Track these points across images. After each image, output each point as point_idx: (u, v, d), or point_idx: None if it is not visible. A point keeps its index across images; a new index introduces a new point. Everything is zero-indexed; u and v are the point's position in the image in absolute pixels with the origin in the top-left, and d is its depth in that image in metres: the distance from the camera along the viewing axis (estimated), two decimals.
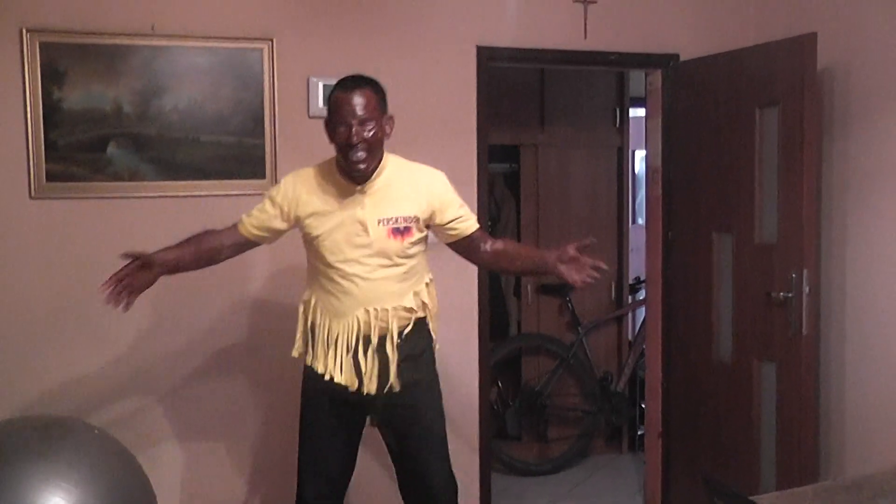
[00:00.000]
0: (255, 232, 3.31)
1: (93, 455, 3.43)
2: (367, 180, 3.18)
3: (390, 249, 3.19)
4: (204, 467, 4.17)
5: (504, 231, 5.93)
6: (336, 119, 3.11)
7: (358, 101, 3.08)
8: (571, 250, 3.19)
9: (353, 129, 3.07)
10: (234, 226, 3.32)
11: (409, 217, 3.21)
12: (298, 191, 3.24)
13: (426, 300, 3.33)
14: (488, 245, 3.40)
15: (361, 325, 3.20)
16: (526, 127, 5.89)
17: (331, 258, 3.20)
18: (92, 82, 3.93)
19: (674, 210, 4.76)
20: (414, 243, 3.25)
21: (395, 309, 3.23)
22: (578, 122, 5.97)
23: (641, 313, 6.03)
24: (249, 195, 4.09)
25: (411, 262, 3.26)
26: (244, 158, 4.09)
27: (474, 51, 4.39)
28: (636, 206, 7.26)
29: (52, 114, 3.89)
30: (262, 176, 4.10)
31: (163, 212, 4.04)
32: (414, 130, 4.28)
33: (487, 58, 4.42)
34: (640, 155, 7.25)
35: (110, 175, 3.97)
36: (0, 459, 3.27)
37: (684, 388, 4.73)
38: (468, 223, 3.35)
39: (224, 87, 4.06)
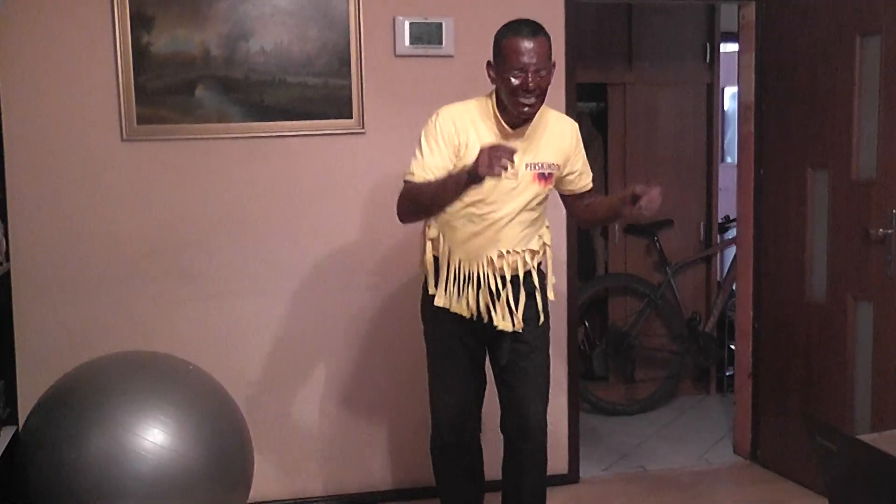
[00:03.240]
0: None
1: (187, 390, 3.52)
2: (526, 124, 3.23)
3: (532, 193, 3.28)
4: (298, 406, 4.25)
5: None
6: (511, 64, 3.11)
7: (536, 49, 3.11)
8: (637, 189, 3.14)
9: (530, 76, 3.10)
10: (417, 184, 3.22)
11: (553, 164, 3.31)
12: (457, 124, 3.23)
13: (547, 241, 3.45)
14: (585, 201, 3.52)
15: (496, 264, 3.30)
16: (613, 65, 5.78)
17: (477, 197, 3.20)
18: (179, 27, 3.97)
19: (766, 147, 4.64)
20: (551, 189, 3.38)
21: (524, 251, 3.34)
22: (667, 58, 5.85)
23: (730, 253, 5.93)
24: (336, 135, 4.12)
25: (541, 209, 3.38)
26: (330, 99, 4.09)
27: None
28: (725, 145, 7.11)
29: (141, 58, 3.95)
30: (349, 116, 4.11)
31: (251, 152, 4.08)
32: None
33: None
34: (729, 92, 7.09)
35: (199, 117, 4.02)
36: (100, 392, 3.38)
37: (775, 328, 4.64)
38: (586, 180, 3.47)
39: (310, 28, 4.06)
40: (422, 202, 3.19)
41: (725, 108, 7.14)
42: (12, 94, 3.84)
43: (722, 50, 5.98)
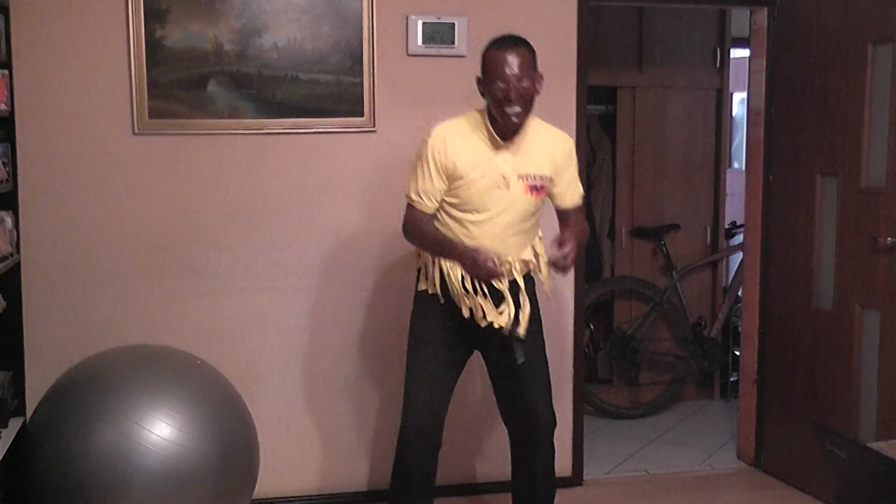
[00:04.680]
0: (437, 204, 3.37)
1: (195, 384, 3.54)
2: (515, 135, 3.30)
3: (524, 204, 3.34)
4: (304, 402, 4.25)
5: (599, 175, 5.86)
6: (494, 75, 3.22)
7: (515, 60, 3.21)
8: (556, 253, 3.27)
9: (511, 86, 3.19)
10: (421, 212, 3.36)
11: (545, 176, 3.37)
12: (447, 146, 3.30)
13: (539, 251, 3.48)
14: (566, 219, 3.52)
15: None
16: (623, 68, 5.78)
17: (469, 206, 3.33)
18: (193, 21, 3.97)
19: (775, 153, 4.64)
20: (543, 201, 3.41)
21: (515, 261, 3.37)
22: (677, 63, 5.85)
23: (736, 259, 5.93)
24: (347, 132, 4.12)
25: (534, 219, 3.43)
26: (342, 96, 4.10)
27: None
28: (733, 150, 7.11)
29: (154, 52, 3.95)
30: (360, 114, 4.11)
31: (262, 148, 4.09)
32: None
33: None
34: (738, 97, 7.08)
35: (211, 112, 4.02)
36: (108, 385, 3.40)
37: (781, 334, 4.64)
38: (570, 198, 3.47)
39: (323, 25, 4.06)
40: (424, 246, 3.42)
41: (733, 114, 7.13)
42: (25, 86, 3.84)
43: (732, 55, 5.97)
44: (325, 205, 4.17)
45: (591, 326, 5.88)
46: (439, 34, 4.13)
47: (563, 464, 4.48)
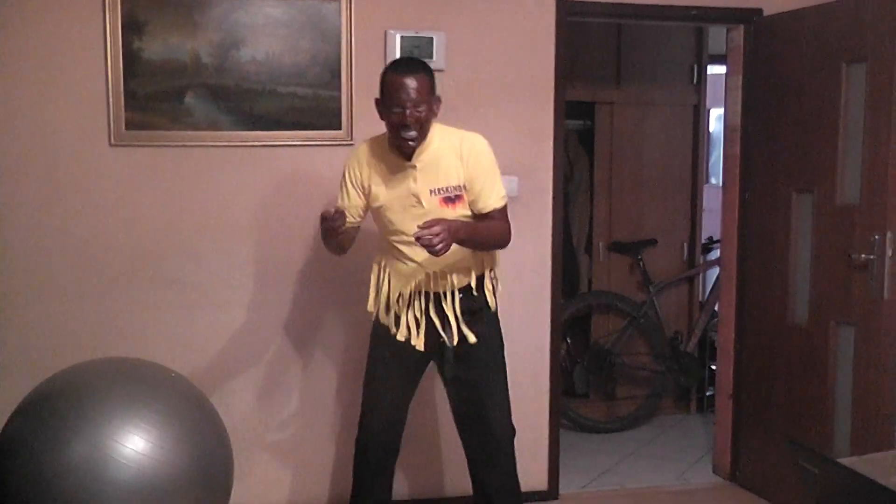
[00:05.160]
0: (355, 219, 3.47)
1: (169, 398, 3.50)
2: (414, 155, 3.31)
3: (446, 217, 3.24)
4: (277, 414, 4.24)
5: (577, 190, 5.88)
6: (390, 101, 3.24)
7: (412, 85, 3.21)
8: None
9: (408, 112, 3.21)
10: None
11: (458, 186, 3.34)
12: (362, 166, 3.42)
13: (488, 262, 3.48)
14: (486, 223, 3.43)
15: (423, 288, 3.40)
16: (602, 83, 5.81)
17: (392, 227, 3.39)
18: (171, 33, 3.97)
19: (751, 169, 4.67)
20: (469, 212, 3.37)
21: (454, 272, 3.39)
22: (655, 79, 5.89)
23: (713, 274, 5.97)
24: (325, 145, 4.12)
25: None
26: (320, 110, 4.11)
27: (553, 5, 4.32)
28: (710, 166, 7.15)
29: (132, 64, 3.94)
30: (338, 127, 4.12)
31: (239, 161, 4.08)
32: (491, 86, 4.26)
33: (567, 12, 4.35)
34: (715, 113, 7.14)
35: (188, 125, 4.02)
36: (81, 398, 3.36)
37: (757, 349, 4.67)
38: (484, 202, 3.36)
39: (302, 39, 4.07)
40: (325, 242, 3.47)
41: (711, 130, 7.18)
42: (1, 96, 3.83)
43: (708, 72, 6.02)
44: (302, 218, 4.16)
45: (569, 341, 5.89)
46: (418, 48, 4.14)
47: (538, 478, 4.49)
